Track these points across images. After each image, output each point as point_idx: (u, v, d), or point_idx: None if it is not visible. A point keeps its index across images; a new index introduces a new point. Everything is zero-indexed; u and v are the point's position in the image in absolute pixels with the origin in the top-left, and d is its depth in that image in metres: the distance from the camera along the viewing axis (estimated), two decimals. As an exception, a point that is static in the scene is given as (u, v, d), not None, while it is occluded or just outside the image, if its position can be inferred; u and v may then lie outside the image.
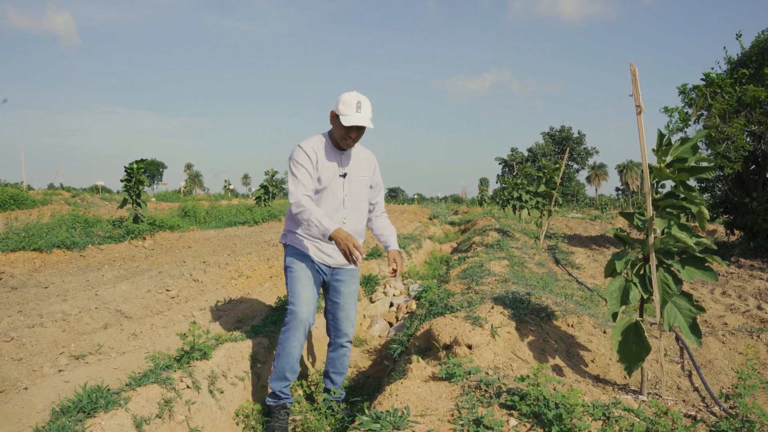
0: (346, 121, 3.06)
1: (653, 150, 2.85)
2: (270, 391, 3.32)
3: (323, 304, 3.69)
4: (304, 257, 3.32)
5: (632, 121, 2.80)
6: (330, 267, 3.40)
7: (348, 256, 2.91)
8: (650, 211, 2.84)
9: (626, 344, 2.92)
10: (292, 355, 3.24)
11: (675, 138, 2.96)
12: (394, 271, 3.29)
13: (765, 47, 10.10)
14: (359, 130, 3.19)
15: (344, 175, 3.30)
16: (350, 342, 3.55)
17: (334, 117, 3.16)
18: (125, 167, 10.59)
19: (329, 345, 3.59)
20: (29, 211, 15.52)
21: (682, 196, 2.85)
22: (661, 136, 2.85)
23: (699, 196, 2.79)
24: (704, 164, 2.86)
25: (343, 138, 3.18)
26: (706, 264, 2.83)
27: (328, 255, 3.34)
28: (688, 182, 2.84)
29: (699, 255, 2.83)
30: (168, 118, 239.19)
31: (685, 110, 10.46)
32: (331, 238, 2.95)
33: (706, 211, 2.81)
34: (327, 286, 3.48)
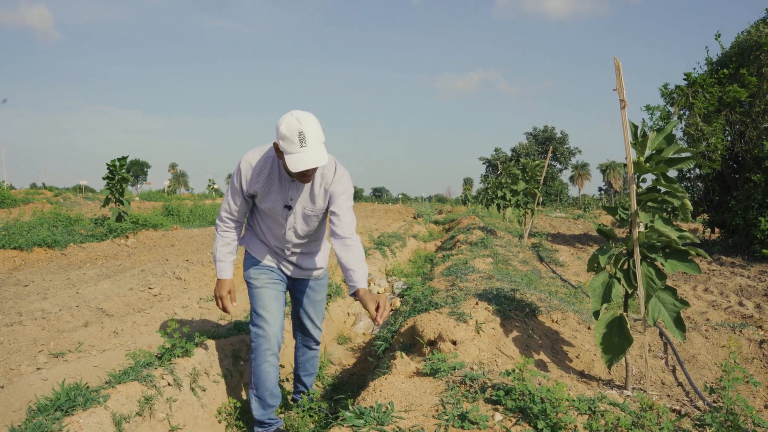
0: (292, 164, 2.44)
1: (631, 143, 2.86)
2: (256, 420, 3.04)
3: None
4: (263, 265, 3.00)
5: (619, 121, 2.80)
6: (292, 278, 3.13)
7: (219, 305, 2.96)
8: (634, 205, 2.84)
9: (609, 336, 2.93)
10: (269, 380, 2.97)
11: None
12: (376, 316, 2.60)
13: (744, 47, 10.22)
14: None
15: (288, 207, 2.80)
16: (318, 344, 3.37)
17: (278, 150, 2.57)
18: (107, 164, 10.45)
19: (297, 348, 3.39)
20: (10, 210, 15.28)
21: (664, 189, 2.86)
22: (634, 127, 2.85)
23: (681, 189, 2.79)
24: (683, 155, 2.87)
25: (293, 178, 2.70)
26: (689, 257, 2.84)
27: (285, 267, 3.05)
28: (668, 174, 2.84)
29: (682, 248, 2.85)
30: (157, 118, 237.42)
31: (667, 109, 10.56)
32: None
33: (688, 203, 2.83)
34: (293, 291, 3.21)
